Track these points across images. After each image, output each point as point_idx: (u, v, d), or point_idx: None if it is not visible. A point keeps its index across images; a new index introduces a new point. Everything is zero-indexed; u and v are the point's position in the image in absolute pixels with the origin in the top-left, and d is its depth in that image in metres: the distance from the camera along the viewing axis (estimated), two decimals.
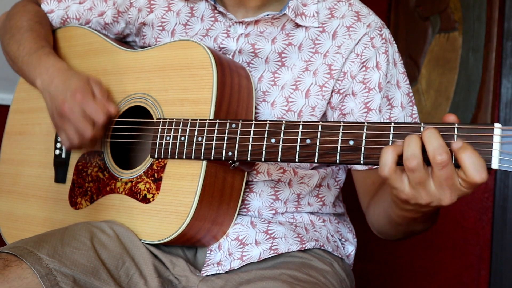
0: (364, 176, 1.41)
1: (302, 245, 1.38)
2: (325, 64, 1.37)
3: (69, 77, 1.37)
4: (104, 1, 1.53)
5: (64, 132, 1.36)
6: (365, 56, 1.36)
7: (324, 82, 1.37)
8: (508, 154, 0.93)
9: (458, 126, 0.98)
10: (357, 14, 1.39)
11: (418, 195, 1.00)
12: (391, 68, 1.39)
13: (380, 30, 1.39)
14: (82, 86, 1.33)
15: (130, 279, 1.26)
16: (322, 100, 1.37)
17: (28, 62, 1.45)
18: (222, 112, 1.28)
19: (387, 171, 1.00)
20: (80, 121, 1.31)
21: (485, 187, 2.50)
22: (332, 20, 1.38)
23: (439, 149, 0.96)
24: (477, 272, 2.49)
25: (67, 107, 1.32)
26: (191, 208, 1.24)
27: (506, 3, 2.49)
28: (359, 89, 1.37)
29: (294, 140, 1.13)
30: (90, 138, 1.33)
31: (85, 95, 1.32)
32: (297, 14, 1.37)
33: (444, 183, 0.98)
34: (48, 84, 1.39)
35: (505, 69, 2.48)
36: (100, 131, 1.34)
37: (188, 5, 1.46)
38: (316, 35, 1.38)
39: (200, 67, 1.30)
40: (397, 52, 1.42)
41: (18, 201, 1.56)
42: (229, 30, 1.41)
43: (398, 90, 1.40)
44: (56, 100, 1.36)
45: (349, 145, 1.06)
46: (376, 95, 1.36)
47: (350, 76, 1.36)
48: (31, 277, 1.14)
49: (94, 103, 1.32)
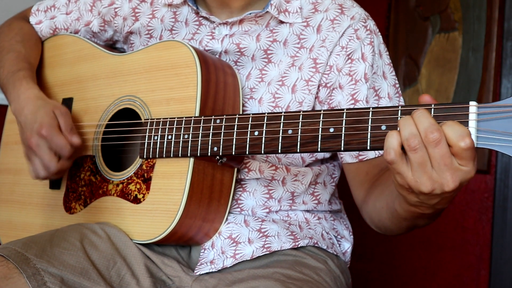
0: (357, 167, 1.39)
1: (295, 243, 1.37)
2: (310, 59, 1.37)
3: (37, 109, 1.39)
4: (89, 11, 1.55)
5: (31, 164, 1.39)
6: (350, 49, 1.36)
7: (309, 76, 1.37)
8: (485, 131, 0.93)
9: (434, 106, 0.97)
10: (340, 6, 1.39)
11: (420, 180, 0.98)
12: (377, 59, 1.38)
13: (365, 22, 1.39)
14: (48, 121, 1.35)
15: (122, 279, 1.26)
16: (309, 94, 1.37)
17: (6, 86, 1.49)
18: (208, 109, 1.29)
19: (393, 154, 0.98)
20: (46, 156, 1.34)
21: (485, 187, 2.48)
22: (316, 14, 1.39)
23: (430, 127, 0.95)
24: (477, 272, 2.46)
25: (34, 142, 1.35)
26: (180, 206, 1.25)
27: (506, 3, 2.48)
28: (345, 81, 1.36)
29: (277, 131, 1.13)
30: (55, 172, 1.35)
31: (50, 130, 1.34)
32: (280, 11, 1.37)
33: (441, 162, 0.96)
34: (18, 114, 1.42)
35: (505, 69, 2.47)
36: (66, 162, 1.37)
37: (171, 10, 1.48)
38: (301, 30, 1.38)
39: (184, 66, 1.31)
40: (382, 43, 1.42)
41: (16, 210, 1.58)
42: (214, 32, 1.42)
43: (384, 81, 1.39)
44: (25, 132, 1.39)
45: (329, 132, 1.06)
46: (362, 86, 1.36)
47: (336, 69, 1.36)
48: (18, 276, 1.14)
49: (59, 138, 1.34)
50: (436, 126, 0.95)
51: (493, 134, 0.92)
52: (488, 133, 0.92)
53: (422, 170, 0.97)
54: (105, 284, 1.21)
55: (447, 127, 0.94)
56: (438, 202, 1.03)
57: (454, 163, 0.96)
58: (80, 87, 1.51)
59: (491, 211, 2.45)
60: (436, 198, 1.02)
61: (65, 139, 1.35)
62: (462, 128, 0.94)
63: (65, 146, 1.34)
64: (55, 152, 1.34)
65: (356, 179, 1.40)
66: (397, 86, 1.42)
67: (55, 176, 1.39)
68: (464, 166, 0.96)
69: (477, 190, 2.50)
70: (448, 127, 0.94)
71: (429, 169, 0.97)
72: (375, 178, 1.35)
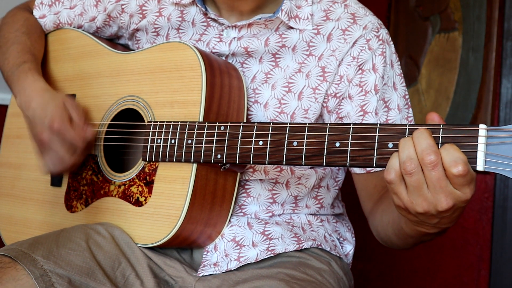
0: (366, 179, 1.39)
1: (299, 245, 1.37)
2: (319, 67, 1.35)
3: (46, 102, 1.35)
4: (94, 6, 1.53)
5: (43, 159, 1.37)
6: (361, 59, 1.34)
7: (317, 84, 1.35)
8: (493, 155, 0.92)
9: (443, 127, 0.96)
10: (353, 16, 1.36)
11: (415, 201, 0.99)
12: (388, 70, 1.37)
13: (377, 31, 1.36)
14: (59, 113, 1.33)
15: (126, 280, 1.26)
16: (315, 102, 1.36)
17: (11, 79, 1.46)
18: (212, 114, 1.28)
19: (393, 175, 0.98)
20: (60, 150, 1.32)
21: (485, 187, 2.48)
22: (327, 23, 1.36)
23: (428, 149, 0.95)
24: (477, 272, 2.47)
25: (46, 137, 1.32)
26: (182, 211, 1.24)
27: (506, 3, 2.47)
28: (355, 92, 1.35)
29: (281, 142, 1.12)
30: (70, 165, 1.34)
31: (62, 123, 1.32)
32: (291, 17, 1.35)
33: (436, 185, 0.96)
34: (26, 107, 1.38)
35: (505, 69, 2.47)
36: (80, 155, 1.36)
37: (178, 9, 1.45)
38: (311, 37, 1.36)
39: (189, 68, 1.29)
40: (394, 53, 1.40)
41: (16, 205, 1.57)
42: (222, 34, 1.40)
43: (394, 92, 1.38)
44: (35, 128, 1.36)
45: (335, 147, 1.05)
46: (372, 98, 1.34)
47: (347, 79, 1.35)
48: (26, 278, 1.15)
49: (72, 131, 1.32)
50: (434, 148, 0.95)
51: (502, 158, 0.91)
52: (497, 157, 0.91)
53: (417, 193, 0.98)
54: (111, 285, 1.22)
55: (444, 150, 0.95)
56: (440, 222, 1.04)
57: (449, 186, 0.96)
58: (83, 84, 1.49)
59: (491, 211, 2.46)
60: (434, 218, 1.02)
61: (77, 132, 1.33)
62: (458, 153, 0.94)
63: (78, 139, 1.32)
64: (69, 146, 1.33)
65: (364, 191, 1.41)
66: (407, 97, 1.41)
67: (68, 170, 1.37)
68: (458, 190, 0.97)
69: (477, 190, 2.50)
70: (445, 150, 0.95)
71: (424, 191, 0.98)
72: (383, 190, 1.35)
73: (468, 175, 0.94)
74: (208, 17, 1.43)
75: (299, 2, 1.36)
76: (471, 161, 0.93)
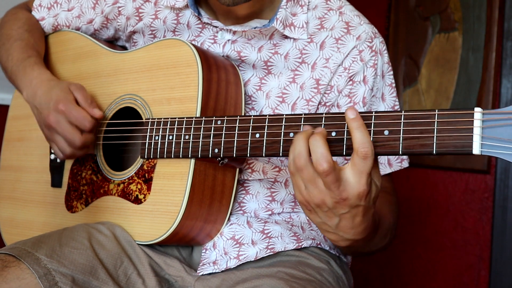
0: None
1: (298, 244, 1.37)
2: (313, 79, 1.35)
3: (51, 88, 1.37)
4: (92, 8, 1.53)
5: (54, 144, 1.38)
6: (352, 71, 1.34)
7: (311, 96, 1.36)
8: (490, 138, 0.91)
9: (438, 112, 0.95)
10: (347, 25, 1.35)
11: (311, 193, 1.02)
12: (378, 81, 1.37)
13: (371, 41, 1.35)
14: (64, 95, 1.34)
15: (128, 279, 1.26)
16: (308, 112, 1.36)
17: (16, 73, 1.47)
18: (209, 109, 1.28)
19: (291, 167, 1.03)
20: (67, 131, 1.33)
21: (485, 187, 2.47)
22: (321, 32, 1.36)
23: (321, 159, 0.98)
24: (477, 272, 2.46)
25: (52, 119, 1.33)
26: (181, 207, 1.24)
27: (506, 3, 2.48)
28: (344, 102, 1.36)
29: (278, 134, 1.12)
30: (80, 146, 1.34)
31: (68, 104, 1.33)
32: (286, 26, 1.34)
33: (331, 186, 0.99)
34: (32, 97, 1.41)
35: (505, 69, 2.47)
36: (90, 136, 1.35)
37: (174, 12, 1.45)
38: (304, 45, 1.36)
39: (185, 65, 1.29)
40: (386, 63, 1.39)
41: (18, 207, 1.57)
42: (216, 36, 1.40)
43: (382, 103, 1.39)
44: (42, 113, 1.37)
45: (331, 136, 1.05)
46: (359, 109, 1.34)
47: (337, 90, 1.35)
48: (30, 277, 1.14)
49: (78, 111, 1.32)
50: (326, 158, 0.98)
51: (498, 141, 0.90)
52: (493, 140, 0.90)
53: (312, 186, 1.01)
54: (113, 284, 1.21)
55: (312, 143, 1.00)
56: (340, 225, 1.05)
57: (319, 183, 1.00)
58: (82, 84, 1.49)
59: (491, 211, 2.45)
60: (333, 216, 1.03)
61: (84, 110, 1.33)
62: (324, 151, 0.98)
63: (85, 118, 1.32)
64: (76, 126, 1.33)
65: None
66: (397, 107, 1.42)
67: (81, 152, 1.37)
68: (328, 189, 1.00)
69: (477, 190, 2.49)
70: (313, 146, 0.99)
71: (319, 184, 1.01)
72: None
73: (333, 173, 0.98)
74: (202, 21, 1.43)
75: (294, 9, 1.35)
76: (467, 145, 0.92)
